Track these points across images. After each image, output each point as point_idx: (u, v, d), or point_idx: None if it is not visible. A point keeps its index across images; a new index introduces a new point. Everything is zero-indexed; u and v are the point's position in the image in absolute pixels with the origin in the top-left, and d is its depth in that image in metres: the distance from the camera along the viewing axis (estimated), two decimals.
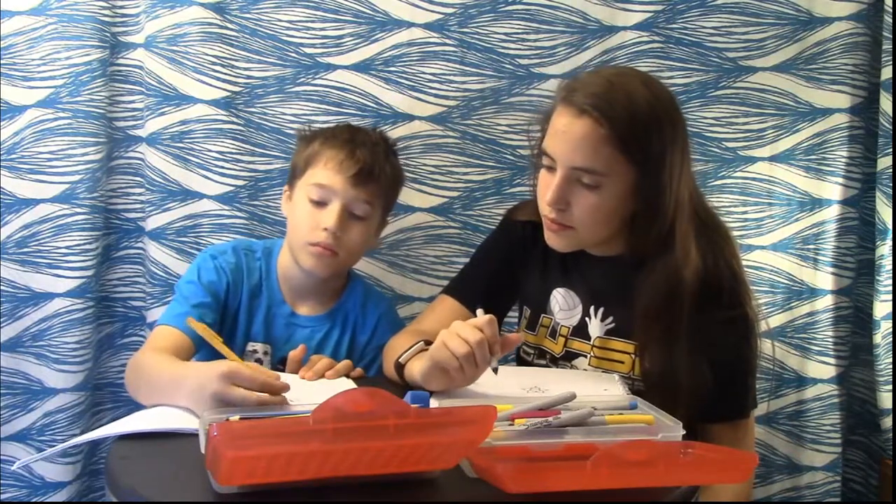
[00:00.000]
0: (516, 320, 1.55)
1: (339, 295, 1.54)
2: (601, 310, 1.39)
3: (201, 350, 1.39)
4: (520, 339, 1.27)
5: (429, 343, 1.33)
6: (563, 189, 1.30)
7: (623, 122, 1.26)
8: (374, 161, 1.45)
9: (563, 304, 1.43)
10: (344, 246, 1.44)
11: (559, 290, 1.44)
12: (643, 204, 1.30)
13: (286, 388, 1.12)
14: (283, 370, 1.43)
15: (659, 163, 1.28)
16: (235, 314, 1.49)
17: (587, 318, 1.40)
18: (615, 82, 1.30)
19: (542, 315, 1.45)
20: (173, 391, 1.18)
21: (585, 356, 1.39)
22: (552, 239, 1.36)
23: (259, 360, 1.47)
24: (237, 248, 1.52)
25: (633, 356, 1.36)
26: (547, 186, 1.32)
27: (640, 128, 1.27)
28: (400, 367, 1.32)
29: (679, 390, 1.26)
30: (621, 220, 1.33)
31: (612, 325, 1.38)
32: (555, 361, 1.43)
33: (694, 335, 1.28)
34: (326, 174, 1.43)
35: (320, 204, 1.43)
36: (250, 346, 1.49)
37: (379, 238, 1.57)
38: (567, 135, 1.29)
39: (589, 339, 1.40)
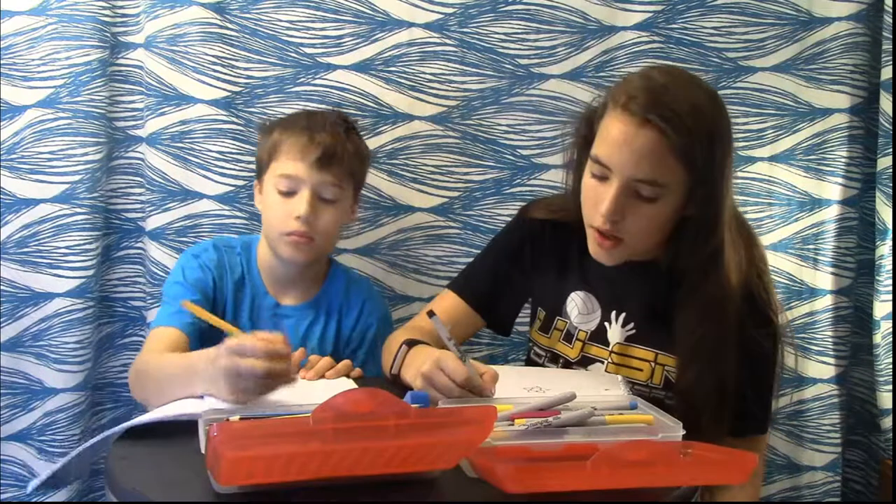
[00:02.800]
0: (528, 319, 1.54)
1: (321, 282, 1.55)
2: (622, 316, 1.37)
3: (194, 343, 1.40)
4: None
5: (412, 343, 1.32)
6: (621, 201, 1.24)
7: (688, 130, 1.20)
8: (334, 142, 1.46)
9: (581, 308, 1.40)
10: (318, 231, 1.45)
11: (578, 293, 1.41)
12: (699, 214, 1.26)
13: (288, 350, 1.13)
14: None
15: (719, 171, 1.24)
16: (223, 310, 1.50)
17: (606, 324, 1.38)
18: (673, 87, 1.24)
19: (557, 318, 1.43)
20: (187, 380, 1.19)
21: (602, 362, 1.37)
22: (600, 253, 1.30)
23: None
24: (217, 245, 1.54)
25: (652, 364, 1.34)
26: (597, 196, 1.26)
27: (704, 136, 1.22)
28: (395, 376, 1.32)
29: (722, 406, 1.24)
30: (670, 230, 1.29)
31: (633, 331, 1.36)
32: (569, 366, 1.41)
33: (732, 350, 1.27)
34: (290, 164, 1.44)
35: (289, 194, 1.44)
36: None
37: (354, 216, 1.57)
38: (628, 145, 1.22)
39: (607, 344, 1.37)
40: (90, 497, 1.79)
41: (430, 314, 1.22)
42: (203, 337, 1.39)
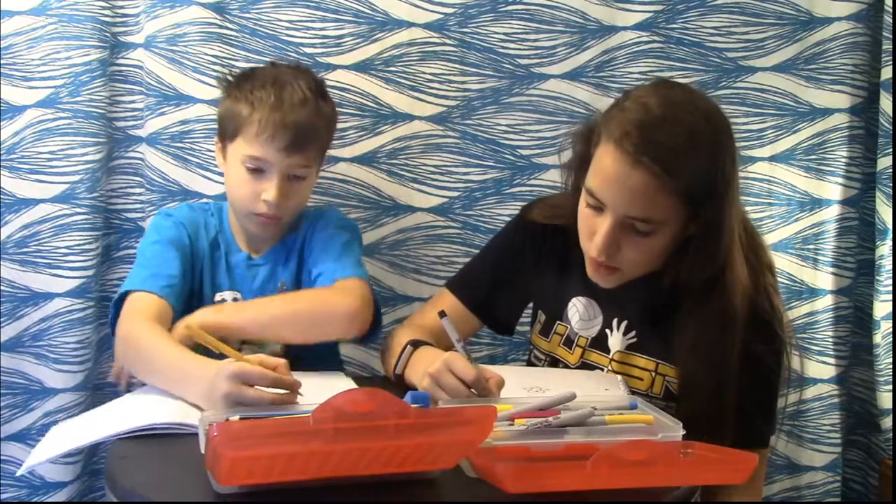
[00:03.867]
0: (529, 320, 1.53)
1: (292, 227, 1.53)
2: (624, 323, 1.36)
3: (178, 307, 1.39)
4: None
5: (417, 343, 1.32)
6: (615, 236, 1.23)
7: (684, 168, 1.18)
8: (307, 122, 1.39)
9: (583, 314, 1.39)
10: (288, 209, 1.43)
11: (580, 298, 1.39)
12: (703, 233, 1.23)
13: (297, 384, 1.11)
14: None
15: (721, 193, 1.22)
16: (200, 267, 1.48)
17: (608, 331, 1.37)
18: (668, 119, 1.19)
19: (558, 322, 1.41)
20: (182, 387, 1.18)
21: (603, 369, 1.36)
22: (597, 278, 1.30)
23: None
24: (191, 206, 1.54)
25: (652, 374, 1.33)
26: (592, 226, 1.26)
27: (703, 168, 1.19)
28: (399, 376, 1.32)
29: (722, 420, 1.24)
30: (672, 251, 1.27)
31: (634, 339, 1.35)
32: None
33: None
34: (259, 146, 1.38)
35: (256, 171, 1.40)
36: (218, 296, 1.48)
37: (318, 175, 1.54)
38: (621, 184, 1.20)
39: (608, 351, 1.36)
40: (90, 497, 1.79)
41: (442, 314, 1.22)
42: (182, 298, 1.39)
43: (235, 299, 1.48)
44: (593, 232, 1.25)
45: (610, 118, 1.24)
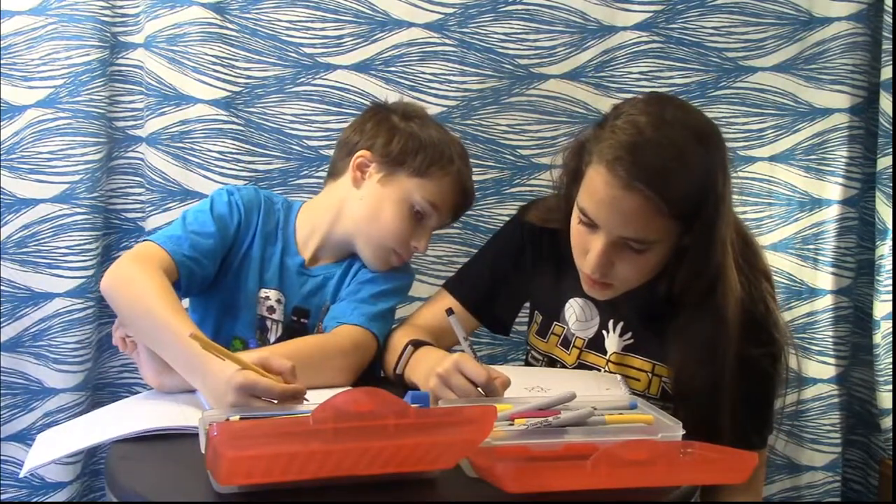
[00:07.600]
0: (526, 319, 1.53)
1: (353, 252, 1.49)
2: (620, 325, 1.36)
3: (184, 280, 1.33)
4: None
5: (418, 343, 1.33)
6: (609, 255, 1.23)
7: (677, 190, 1.17)
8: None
9: (580, 315, 1.39)
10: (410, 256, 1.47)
11: (577, 300, 1.39)
12: (696, 244, 1.23)
13: (303, 390, 1.10)
14: (296, 321, 1.42)
15: (715, 207, 1.21)
16: (247, 254, 1.43)
17: (604, 332, 1.37)
18: (660, 141, 1.18)
19: (555, 323, 1.42)
20: (189, 377, 1.17)
21: (600, 370, 1.36)
22: (592, 292, 1.31)
23: (271, 308, 1.43)
24: (258, 191, 1.48)
25: (649, 375, 1.33)
26: (584, 244, 1.26)
27: (696, 192, 1.19)
28: (399, 376, 1.32)
29: (720, 424, 1.24)
30: (665, 264, 1.27)
31: (631, 341, 1.35)
32: None
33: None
34: (441, 197, 1.42)
35: (419, 215, 1.42)
36: (263, 293, 1.43)
37: None
38: (614, 207, 1.20)
39: (605, 353, 1.36)
40: (90, 497, 1.79)
41: (449, 312, 1.22)
42: (196, 281, 1.34)
43: (279, 301, 1.44)
44: (586, 249, 1.26)
45: (601, 138, 1.22)
